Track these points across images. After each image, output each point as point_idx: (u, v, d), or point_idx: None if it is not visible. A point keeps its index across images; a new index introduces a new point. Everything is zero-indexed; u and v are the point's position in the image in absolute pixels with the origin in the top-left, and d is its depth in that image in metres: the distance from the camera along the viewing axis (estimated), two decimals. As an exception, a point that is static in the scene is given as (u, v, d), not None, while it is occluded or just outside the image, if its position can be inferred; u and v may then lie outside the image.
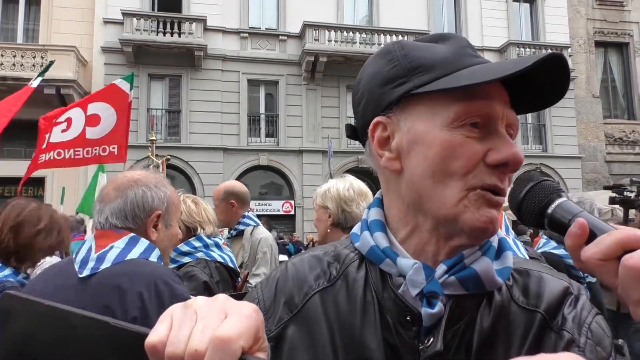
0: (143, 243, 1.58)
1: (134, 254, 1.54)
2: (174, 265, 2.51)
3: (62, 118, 5.58)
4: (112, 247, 1.54)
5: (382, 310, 0.75)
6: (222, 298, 0.52)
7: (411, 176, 0.74)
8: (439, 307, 0.70)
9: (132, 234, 1.58)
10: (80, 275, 1.50)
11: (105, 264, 1.50)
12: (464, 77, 0.70)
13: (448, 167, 0.70)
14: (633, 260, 0.55)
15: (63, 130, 5.57)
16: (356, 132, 0.84)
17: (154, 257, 1.59)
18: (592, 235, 0.62)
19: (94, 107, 5.59)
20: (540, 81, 0.73)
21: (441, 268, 0.73)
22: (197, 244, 2.66)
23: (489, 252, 0.75)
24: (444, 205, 0.71)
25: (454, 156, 0.70)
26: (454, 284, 0.72)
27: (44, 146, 5.51)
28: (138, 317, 1.38)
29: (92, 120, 5.57)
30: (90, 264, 1.52)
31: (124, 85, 5.77)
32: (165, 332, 0.48)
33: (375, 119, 0.77)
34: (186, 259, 2.61)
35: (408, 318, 0.73)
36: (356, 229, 0.85)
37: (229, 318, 0.48)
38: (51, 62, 6.75)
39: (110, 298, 1.42)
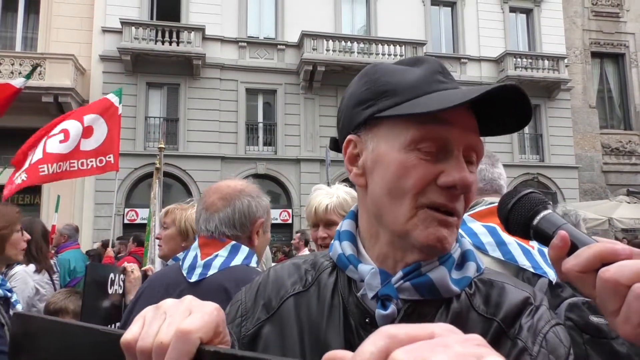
0: (244, 251, 1.71)
1: (237, 261, 1.68)
2: None
3: (57, 130, 5.77)
4: (217, 255, 1.68)
5: (346, 314, 0.81)
6: (188, 298, 0.58)
7: (373, 192, 0.81)
8: (391, 309, 0.75)
9: (234, 242, 1.71)
10: (190, 280, 1.66)
11: (212, 270, 1.65)
12: (419, 104, 0.75)
13: (402, 185, 0.76)
14: (609, 274, 0.58)
15: (61, 141, 5.76)
16: (338, 146, 0.91)
17: (253, 262, 1.72)
18: (573, 247, 0.65)
19: (88, 120, 5.86)
20: (507, 105, 0.77)
21: (398, 274, 0.78)
22: None
23: (447, 263, 0.80)
24: (397, 221, 0.77)
25: (407, 176, 0.75)
26: (409, 289, 0.77)
27: (41, 156, 5.58)
28: None
29: (87, 132, 5.85)
30: (198, 270, 1.67)
31: (114, 99, 6.12)
32: (138, 330, 0.54)
33: (348, 137, 0.85)
34: None
35: (367, 320, 0.78)
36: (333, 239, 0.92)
37: (192, 315, 0.54)
38: (36, 65, 6.96)
39: (218, 300, 1.52)
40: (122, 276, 2.84)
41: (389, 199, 0.77)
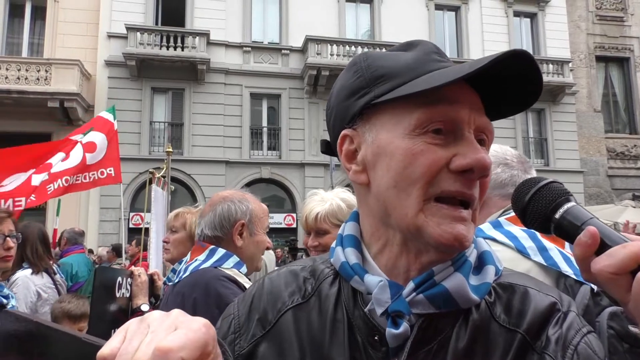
0: (219, 253, 1.87)
1: (208, 263, 1.83)
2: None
3: (58, 155, 6.16)
4: (196, 259, 1.86)
5: (351, 329, 0.73)
6: (175, 313, 0.52)
7: (377, 188, 0.72)
8: (403, 327, 0.67)
9: (212, 247, 1.88)
10: (170, 283, 1.91)
11: (186, 274, 1.84)
12: (422, 82, 0.67)
13: (410, 175, 0.67)
14: None
15: (63, 160, 6.15)
16: (331, 147, 0.83)
17: (230, 263, 1.85)
18: (602, 245, 0.58)
19: (89, 137, 6.29)
20: (513, 83, 0.71)
21: (409, 286, 0.69)
22: None
23: (462, 268, 0.71)
24: (407, 216, 0.68)
25: (415, 164, 0.67)
26: (423, 302, 0.69)
27: (47, 177, 5.94)
28: None
29: (89, 147, 6.23)
30: (180, 274, 1.88)
31: (109, 117, 6.58)
32: (118, 345, 0.49)
33: (342, 132, 0.77)
34: None
35: (376, 338, 0.70)
36: (334, 243, 0.82)
37: (176, 331, 0.49)
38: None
39: (178, 303, 1.73)
40: (129, 280, 2.84)
41: (396, 192, 0.69)
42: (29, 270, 3.64)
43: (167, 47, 16.38)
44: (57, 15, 16.40)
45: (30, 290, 3.59)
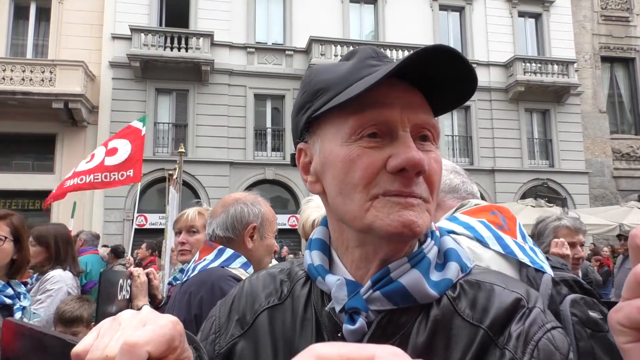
0: (227, 253, 1.88)
1: (216, 263, 1.85)
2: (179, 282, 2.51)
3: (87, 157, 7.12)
4: (204, 259, 1.88)
5: (319, 327, 0.76)
6: (145, 310, 0.55)
7: (329, 196, 0.76)
8: (359, 323, 0.70)
9: (220, 247, 1.89)
10: (177, 282, 1.97)
11: (193, 273, 1.86)
12: (349, 91, 0.70)
13: (350, 180, 0.71)
14: None
15: (87, 162, 7.05)
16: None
17: (237, 263, 1.86)
18: None
19: (113, 143, 7.04)
20: (453, 75, 0.72)
21: (367, 284, 0.72)
22: None
23: (420, 265, 0.73)
24: (356, 218, 0.71)
25: (353, 169, 0.70)
26: (380, 299, 0.71)
27: (70, 175, 6.96)
28: (197, 314, 1.70)
29: (111, 152, 6.93)
30: (189, 273, 1.90)
31: (138, 125, 7.32)
32: (91, 342, 0.51)
33: (298, 146, 0.82)
34: None
35: (339, 334, 0.72)
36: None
37: (144, 327, 0.51)
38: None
39: (185, 301, 1.77)
40: (129, 281, 2.84)
41: (342, 199, 0.72)
42: (60, 271, 3.70)
43: (171, 48, 16.42)
44: (62, 16, 16.46)
45: (62, 290, 3.63)
